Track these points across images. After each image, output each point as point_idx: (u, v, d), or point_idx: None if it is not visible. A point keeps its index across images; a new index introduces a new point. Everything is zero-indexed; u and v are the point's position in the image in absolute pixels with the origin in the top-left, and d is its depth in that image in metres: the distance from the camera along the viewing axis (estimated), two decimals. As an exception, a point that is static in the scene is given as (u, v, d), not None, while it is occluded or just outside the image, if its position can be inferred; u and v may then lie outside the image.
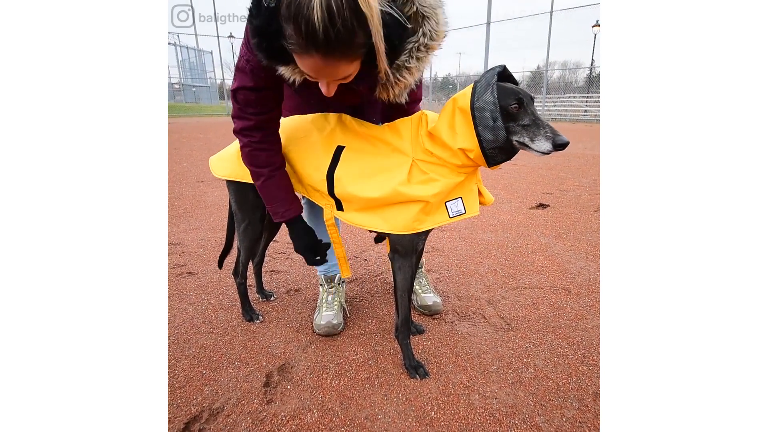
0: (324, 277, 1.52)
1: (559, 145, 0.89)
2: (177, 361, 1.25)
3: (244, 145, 1.08)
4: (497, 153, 0.97)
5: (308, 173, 1.14)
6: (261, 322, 1.49)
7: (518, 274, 1.89)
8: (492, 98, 0.93)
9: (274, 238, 1.73)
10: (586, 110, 16.45)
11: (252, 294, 1.65)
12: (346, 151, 1.11)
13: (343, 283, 1.56)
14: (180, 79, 27.28)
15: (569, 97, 19.72)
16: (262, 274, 1.67)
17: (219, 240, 2.29)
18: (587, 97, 17.37)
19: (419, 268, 1.58)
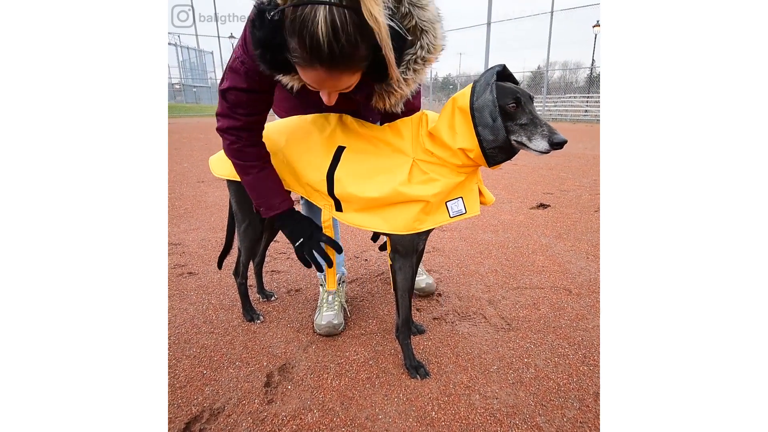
0: (324, 277, 1.52)
1: (557, 144, 0.89)
2: (178, 361, 1.26)
3: (230, 143, 1.07)
4: (497, 153, 0.97)
5: (308, 173, 1.14)
6: (262, 322, 1.49)
7: (519, 274, 1.89)
8: (491, 98, 0.93)
9: (275, 239, 1.73)
10: (586, 110, 16.46)
11: (252, 294, 1.65)
12: (347, 151, 1.11)
13: (343, 283, 1.56)
14: (180, 79, 27.31)
15: (570, 97, 19.72)
16: (262, 274, 1.67)
17: (219, 240, 2.29)
18: (588, 97, 17.37)
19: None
